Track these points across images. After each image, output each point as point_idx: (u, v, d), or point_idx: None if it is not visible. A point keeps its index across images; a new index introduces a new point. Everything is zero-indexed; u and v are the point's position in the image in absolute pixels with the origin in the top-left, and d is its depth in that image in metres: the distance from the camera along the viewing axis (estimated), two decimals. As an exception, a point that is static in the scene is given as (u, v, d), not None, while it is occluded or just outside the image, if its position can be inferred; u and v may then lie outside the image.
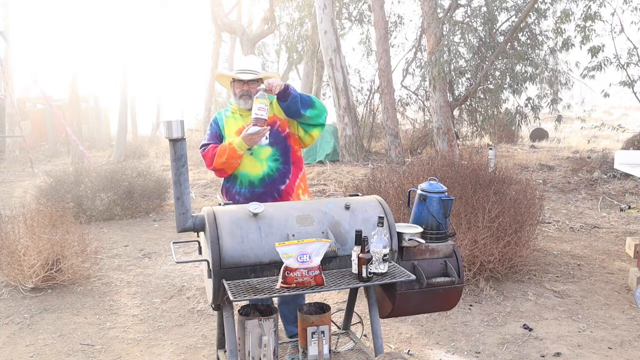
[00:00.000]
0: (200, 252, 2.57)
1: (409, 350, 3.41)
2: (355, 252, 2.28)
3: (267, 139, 2.94)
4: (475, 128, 13.24)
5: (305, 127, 3.03)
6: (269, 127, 2.92)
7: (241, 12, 16.57)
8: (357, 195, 2.75)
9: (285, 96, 2.87)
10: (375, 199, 2.66)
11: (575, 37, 10.67)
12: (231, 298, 2.10)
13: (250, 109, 3.00)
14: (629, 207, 7.30)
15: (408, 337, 3.60)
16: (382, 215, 2.42)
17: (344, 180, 9.11)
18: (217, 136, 3.07)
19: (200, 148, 3.08)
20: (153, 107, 18.43)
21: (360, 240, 2.25)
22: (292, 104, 2.89)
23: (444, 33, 10.96)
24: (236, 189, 3.02)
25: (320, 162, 11.77)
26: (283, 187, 3.01)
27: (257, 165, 2.97)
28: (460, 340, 3.54)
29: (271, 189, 2.99)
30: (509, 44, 11.12)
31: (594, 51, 10.26)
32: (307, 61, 15.81)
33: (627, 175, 8.83)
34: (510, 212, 4.45)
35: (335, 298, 4.28)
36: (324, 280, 2.20)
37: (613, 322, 3.79)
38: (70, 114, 15.39)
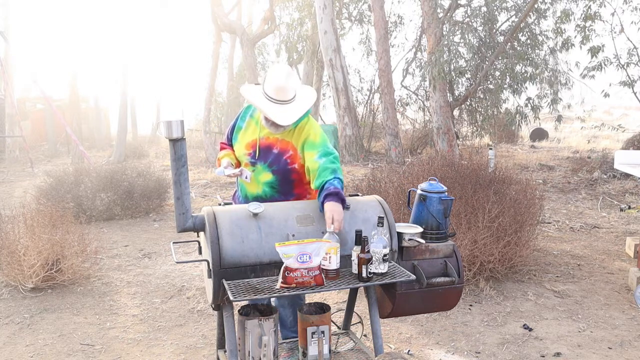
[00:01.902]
0: (200, 252, 2.57)
1: (409, 350, 3.41)
2: (355, 252, 2.28)
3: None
4: (475, 128, 13.24)
5: None
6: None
7: (241, 12, 16.55)
8: (357, 195, 2.75)
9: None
10: (375, 199, 2.65)
11: (575, 37, 10.67)
12: (231, 298, 2.10)
13: (277, 133, 2.74)
14: (629, 207, 7.30)
15: (408, 337, 3.60)
16: (382, 215, 2.42)
17: (344, 180, 9.10)
18: (229, 138, 2.95)
19: (221, 142, 3.02)
20: (153, 107, 18.41)
21: (360, 240, 2.25)
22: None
23: (444, 33, 10.96)
24: (238, 192, 2.99)
25: (320, 162, 11.76)
26: None
27: (254, 185, 2.82)
28: (460, 340, 3.54)
29: None
30: (509, 44, 11.12)
31: (594, 51, 10.26)
32: (307, 61, 15.80)
33: (627, 175, 8.83)
34: (510, 212, 4.45)
35: (335, 298, 4.28)
36: (324, 280, 2.20)
37: (613, 322, 3.80)
38: (70, 114, 15.38)
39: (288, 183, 2.80)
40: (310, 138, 2.73)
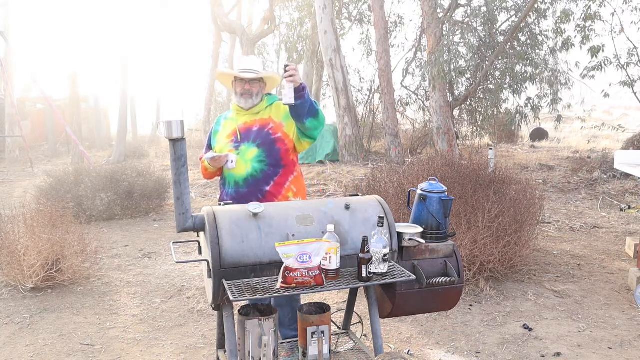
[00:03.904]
0: (200, 252, 2.57)
1: (409, 350, 3.41)
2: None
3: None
4: (475, 128, 13.23)
5: (300, 134, 3.00)
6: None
7: (241, 12, 16.57)
8: (357, 195, 2.75)
9: (298, 95, 2.80)
10: (375, 199, 2.66)
11: (575, 37, 10.67)
12: (231, 298, 2.10)
13: (250, 109, 3.03)
14: (629, 207, 7.30)
15: (408, 337, 3.60)
16: (382, 215, 2.42)
17: (344, 180, 9.11)
18: (209, 145, 3.18)
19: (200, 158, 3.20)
20: (153, 107, 18.41)
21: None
22: (300, 106, 2.83)
23: (444, 33, 10.96)
24: (225, 189, 3.07)
25: (320, 162, 11.77)
26: (267, 188, 2.97)
27: (242, 166, 2.97)
28: (460, 340, 3.54)
29: (255, 189, 2.96)
30: (509, 44, 11.11)
31: (594, 51, 10.26)
32: (307, 61, 15.80)
33: (627, 175, 8.83)
34: (510, 212, 4.45)
35: (335, 298, 4.28)
36: (324, 280, 2.20)
37: (613, 322, 3.80)
38: (70, 114, 15.38)
39: (275, 153, 2.99)
40: None
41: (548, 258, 5.20)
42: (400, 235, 2.54)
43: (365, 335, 3.38)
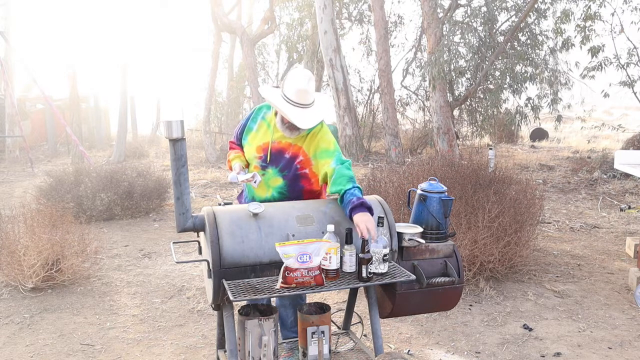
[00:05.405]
0: (200, 252, 2.57)
1: (409, 350, 3.41)
2: (347, 250, 2.29)
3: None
4: (475, 128, 13.23)
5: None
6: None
7: (241, 12, 16.54)
8: (357, 195, 2.74)
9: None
10: (375, 199, 2.66)
11: (575, 37, 10.66)
12: (231, 298, 2.10)
13: (291, 138, 2.72)
14: (629, 207, 7.30)
15: (408, 337, 3.60)
16: (382, 215, 2.42)
17: (344, 180, 9.08)
18: (238, 138, 2.94)
19: (230, 141, 3.00)
20: (153, 107, 18.37)
21: (350, 238, 2.27)
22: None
23: (444, 33, 10.96)
24: (245, 193, 2.96)
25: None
26: None
27: (264, 189, 2.80)
28: (460, 340, 3.54)
29: None
30: (509, 44, 11.12)
31: (594, 51, 10.25)
32: (307, 61, 15.78)
33: (627, 175, 8.83)
34: (510, 212, 4.45)
35: (335, 298, 4.28)
36: (324, 280, 2.20)
37: (613, 322, 3.80)
38: (70, 114, 15.36)
39: (297, 189, 2.78)
40: (324, 146, 2.72)
41: (548, 258, 5.20)
42: (400, 235, 2.54)
43: (365, 335, 3.38)
